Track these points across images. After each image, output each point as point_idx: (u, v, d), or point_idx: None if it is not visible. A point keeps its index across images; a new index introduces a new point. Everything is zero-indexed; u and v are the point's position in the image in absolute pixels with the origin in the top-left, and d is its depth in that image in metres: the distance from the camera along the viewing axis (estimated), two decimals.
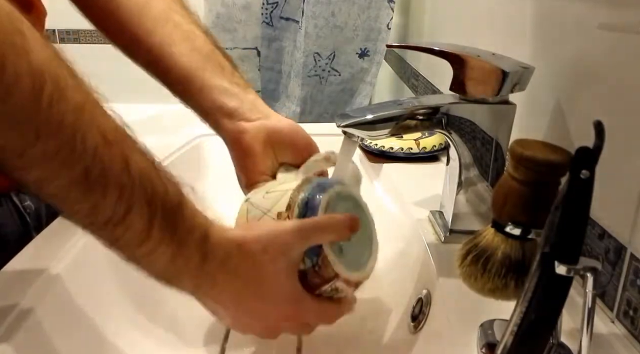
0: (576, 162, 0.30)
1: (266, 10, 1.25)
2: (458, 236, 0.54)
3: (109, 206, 0.32)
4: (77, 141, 0.30)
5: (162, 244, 0.36)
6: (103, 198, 0.32)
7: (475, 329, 0.41)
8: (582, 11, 0.47)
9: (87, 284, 0.51)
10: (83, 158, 0.30)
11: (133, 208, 0.33)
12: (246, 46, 1.28)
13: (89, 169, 0.31)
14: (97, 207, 0.32)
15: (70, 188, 0.31)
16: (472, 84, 0.50)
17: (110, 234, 0.34)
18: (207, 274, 0.39)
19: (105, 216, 0.33)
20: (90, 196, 0.32)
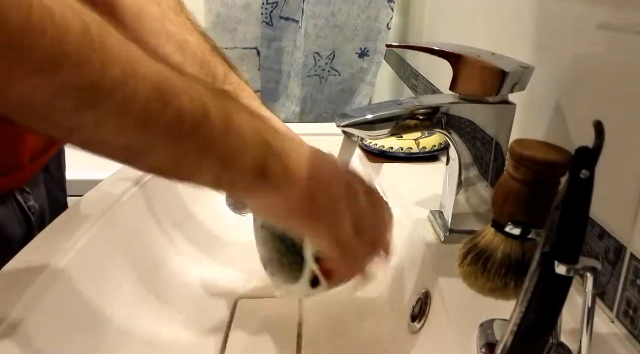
0: (576, 162, 0.30)
1: (266, 10, 1.26)
2: (458, 236, 0.54)
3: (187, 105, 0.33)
4: (136, 65, 0.31)
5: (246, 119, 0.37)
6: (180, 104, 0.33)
7: (475, 329, 0.41)
8: (582, 11, 0.47)
9: (90, 282, 0.51)
10: (149, 77, 0.31)
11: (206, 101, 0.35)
12: (246, 46, 1.28)
13: (159, 83, 0.32)
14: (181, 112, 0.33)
15: (149, 108, 0.31)
16: (472, 84, 0.50)
17: (200, 133, 0.35)
18: (282, 135, 0.41)
19: (189, 117, 0.33)
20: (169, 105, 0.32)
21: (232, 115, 0.37)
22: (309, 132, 0.92)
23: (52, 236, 0.55)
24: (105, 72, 0.29)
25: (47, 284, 0.47)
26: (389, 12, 1.24)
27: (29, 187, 0.63)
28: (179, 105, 0.33)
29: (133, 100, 0.31)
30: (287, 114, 1.34)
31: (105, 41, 0.29)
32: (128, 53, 0.31)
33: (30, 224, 0.62)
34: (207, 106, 0.35)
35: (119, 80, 0.30)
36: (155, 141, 0.33)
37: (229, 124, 0.36)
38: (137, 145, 0.33)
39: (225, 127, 0.36)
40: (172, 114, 0.33)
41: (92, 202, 0.63)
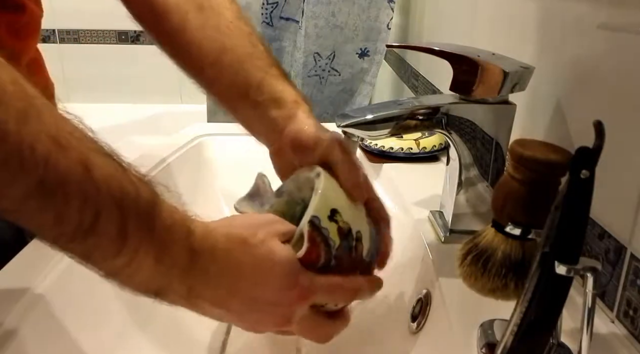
0: (576, 162, 0.30)
1: (266, 10, 1.26)
2: (458, 236, 0.54)
3: (73, 214, 0.30)
4: (24, 151, 0.28)
5: (141, 248, 0.34)
6: (65, 206, 0.30)
7: (475, 329, 0.41)
8: (582, 11, 0.47)
9: (82, 291, 0.51)
10: (35, 168, 0.29)
11: (101, 213, 0.31)
12: None
13: (44, 178, 0.29)
14: (61, 217, 0.30)
15: (26, 200, 0.29)
16: (472, 84, 0.50)
17: (82, 246, 0.32)
18: (199, 271, 0.37)
19: (71, 225, 0.31)
20: (51, 207, 0.30)
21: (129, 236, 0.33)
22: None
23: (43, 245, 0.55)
24: None
25: (41, 292, 0.47)
26: (389, 12, 1.24)
27: None
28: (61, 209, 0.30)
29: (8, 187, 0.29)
30: None
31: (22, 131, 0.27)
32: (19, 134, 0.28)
33: (21, 230, 0.62)
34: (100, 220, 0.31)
35: None
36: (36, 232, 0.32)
37: (119, 248, 0.33)
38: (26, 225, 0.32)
39: (113, 251, 0.33)
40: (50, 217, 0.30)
41: None
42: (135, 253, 0.33)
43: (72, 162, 0.30)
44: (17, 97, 0.28)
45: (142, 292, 0.36)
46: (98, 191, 0.31)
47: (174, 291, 0.37)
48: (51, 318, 0.47)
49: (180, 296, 0.37)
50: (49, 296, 0.47)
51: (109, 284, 0.45)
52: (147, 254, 0.34)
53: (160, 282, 0.36)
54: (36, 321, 0.45)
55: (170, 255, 0.35)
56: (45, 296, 0.47)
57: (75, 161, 0.30)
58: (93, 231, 0.31)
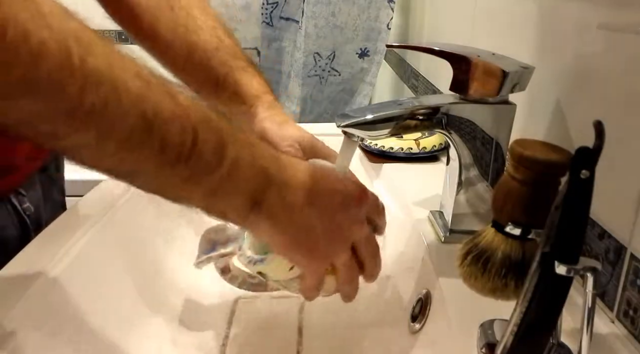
0: (576, 162, 0.30)
1: (266, 10, 1.26)
2: (458, 236, 0.54)
3: (174, 137, 0.32)
4: (120, 89, 0.29)
5: (241, 152, 0.36)
6: (166, 133, 0.32)
7: (475, 329, 0.41)
8: (582, 11, 0.47)
9: (87, 286, 0.51)
10: (133, 103, 0.30)
11: (198, 130, 0.33)
12: (246, 46, 1.28)
13: (144, 111, 0.30)
14: (165, 142, 0.32)
15: (132, 135, 0.30)
16: (472, 84, 0.50)
17: (185, 167, 0.33)
18: (287, 167, 0.39)
19: (174, 148, 0.32)
20: (154, 134, 0.31)
21: (227, 146, 0.35)
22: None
23: (49, 239, 0.55)
24: (83, 98, 0.28)
25: (45, 287, 0.47)
26: (389, 12, 1.24)
27: (24, 189, 0.63)
28: (164, 135, 0.32)
29: (113, 127, 0.30)
30: (287, 114, 1.34)
31: (86, 63, 0.28)
32: (112, 75, 0.29)
33: (26, 227, 0.62)
34: (199, 137, 0.33)
35: (97, 107, 0.28)
36: (139, 167, 0.33)
37: (221, 157, 0.35)
38: (120, 169, 0.33)
39: (217, 161, 0.35)
40: (155, 145, 0.31)
41: (90, 204, 0.63)
42: (236, 159, 0.35)
43: (160, 93, 0.32)
44: (99, 44, 0.29)
45: (242, 205, 0.37)
46: (188, 113, 0.33)
47: (274, 190, 0.38)
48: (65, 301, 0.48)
49: (278, 195, 0.39)
50: (62, 279, 0.48)
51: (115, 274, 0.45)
52: (245, 157, 0.36)
53: (260, 183, 0.37)
54: (50, 304, 0.46)
55: (264, 155, 0.38)
56: (58, 279, 0.48)
57: (161, 91, 0.32)
58: (194, 149, 0.33)
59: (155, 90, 0.32)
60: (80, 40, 0.28)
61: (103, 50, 0.29)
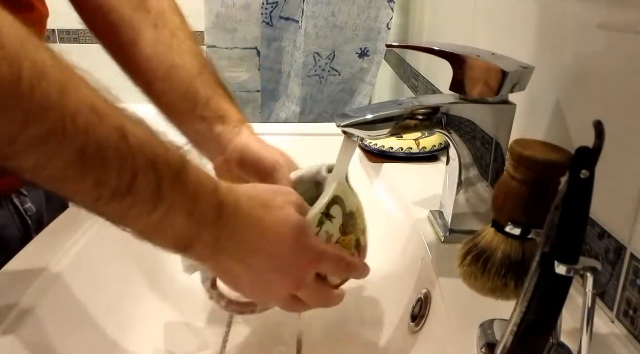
0: (576, 162, 0.30)
1: (266, 10, 1.26)
2: (458, 236, 0.54)
3: (113, 178, 0.32)
4: (67, 122, 0.29)
5: (176, 204, 0.36)
6: (105, 172, 0.32)
7: (475, 329, 0.41)
8: (582, 11, 0.47)
9: (88, 284, 0.51)
10: (76, 138, 0.30)
11: (138, 174, 0.33)
12: (246, 46, 1.28)
13: (85, 147, 0.30)
14: (100, 182, 0.32)
15: (68, 169, 0.30)
16: (472, 84, 0.50)
17: (120, 207, 0.34)
18: (225, 223, 0.39)
19: (110, 188, 0.32)
20: (91, 173, 0.31)
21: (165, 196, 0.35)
22: (309, 132, 0.92)
23: (50, 238, 0.55)
24: (26, 128, 0.28)
25: (46, 286, 0.47)
26: (389, 12, 1.24)
27: (26, 189, 0.63)
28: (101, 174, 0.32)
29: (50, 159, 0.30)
30: (287, 114, 1.34)
31: (36, 92, 0.27)
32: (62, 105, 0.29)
33: (27, 227, 0.62)
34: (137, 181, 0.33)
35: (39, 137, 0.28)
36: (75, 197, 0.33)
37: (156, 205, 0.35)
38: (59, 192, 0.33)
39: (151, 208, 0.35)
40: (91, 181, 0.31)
41: None
42: (169, 209, 0.36)
43: (110, 130, 0.32)
44: (57, 70, 0.29)
45: (173, 247, 0.38)
46: (134, 154, 0.33)
47: (202, 243, 0.39)
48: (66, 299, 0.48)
49: (207, 247, 0.39)
50: (63, 278, 0.48)
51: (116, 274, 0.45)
52: (180, 209, 0.36)
53: (191, 234, 0.38)
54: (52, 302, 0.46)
55: (200, 208, 0.38)
56: (60, 278, 0.48)
57: (112, 128, 0.32)
58: (130, 192, 0.33)
59: (106, 125, 0.31)
60: (34, 67, 0.28)
61: (59, 78, 0.29)
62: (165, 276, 0.63)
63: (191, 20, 0.60)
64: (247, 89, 1.33)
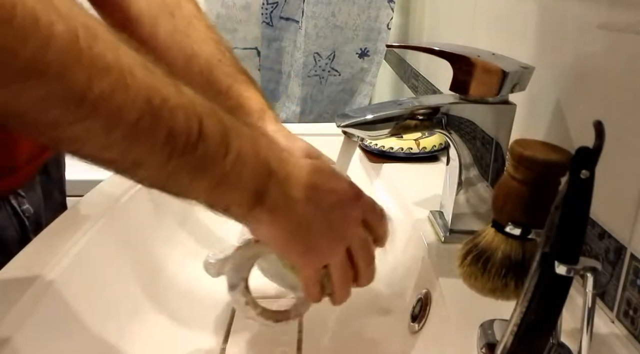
0: (576, 162, 0.30)
1: (266, 10, 1.26)
2: (458, 236, 0.54)
3: (181, 124, 0.32)
4: (127, 76, 0.29)
5: (244, 145, 0.36)
6: (174, 120, 0.32)
7: (475, 329, 0.41)
8: (582, 11, 0.47)
9: (87, 286, 0.51)
10: (140, 91, 0.30)
11: (203, 118, 0.33)
12: (246, 46, 1.28)
13: (151, 99, 0.30)
14: (172, 130, 0.32)
15: (139, 122, 0.30)
16: (472, 84, 0.50)
17: (193, 157, 0.33)
18: (287, 162, 0.40)
19: (182, 136, 0.32)
20: (161, 122, 0.31)
21: (232, 137, 0.35)
22: (309, 132, 0.92)
23: (49, 239, 0.55)
24: (91, 84, 0.27)
25: (44, 287, 0.47)
26: (389, 12, 1.24)
27: (23, 190, 0.63)
28: (171, 123, 0.31)
29: (120, 115, 0.29)
30: (287, 114, 1.34)
31: (94, 49, 0.28)
32: (119, 62, 0.29)
33: (25, 228, 0.62)
34: (204, 127, 0.33)
35: (105, 93, 0.28)
36: (144, 158, 0.32)
37: (226, 147, 0.35)
38: (124, 160, 0.32)
39: (222, 151, 0.35)
40: (162, 133, 0.31)
41: (90, 204, 0.63)
42: (239, 151, 0.35)
43: (166, 83, 0.32)
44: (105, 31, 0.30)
45: (250, 196, 0.37)
46: (193, 102, 0.33)
47: (275, 185, 0.38)
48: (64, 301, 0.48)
49: (280, 189, 0.39)
50: (61, 280, 0.48)
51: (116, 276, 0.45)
52: (249, 149, 0.36)
53: (263, 176, 0.38)
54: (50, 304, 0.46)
55: (263, 148, 0.38)
56: (58, 280, 0.48)
57: (166, 82, 0.32)
58: (201, 137, 0.33)
59: (160, 79, 0.32)
60: (87, 26, 0.28)
61: (109, 37, 0.29)
62: (164, 277, 0.63)
63: None
64: None
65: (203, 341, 0.56)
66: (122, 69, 0.29)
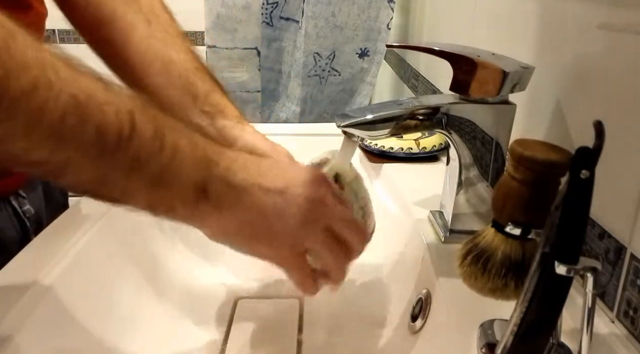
0: (576, 162, 0.30)
1: (266, 10, 1.26)
2: (458, 236, 0.54)
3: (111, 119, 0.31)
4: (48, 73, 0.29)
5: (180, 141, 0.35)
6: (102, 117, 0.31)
7: (475, 329, 0.41)
8: (582, 11, 0.47)
9: (87, 285, 0.51)
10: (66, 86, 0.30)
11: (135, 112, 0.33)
12: (246, 46, 1.28)
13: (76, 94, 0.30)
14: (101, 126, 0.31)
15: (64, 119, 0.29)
16: (472, 84, 0.50)
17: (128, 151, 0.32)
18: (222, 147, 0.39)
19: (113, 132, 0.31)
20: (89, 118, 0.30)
21: (166, 132, 0.34)
22: (309, 132, 0.92)
23: (49, 239, 0.55)
24: (9, 82, 0.27)
25: (45, 287, 0.47)
26: (389, 12, 1.24)
27: (24, 191, 0.63)
28: (99, 119, 0.30)
29: (42, 113, 0.28)
30: (287, 114, 1.34)
31: (12, 47, 0.27)
32: (41, 61, 0.28)
33: (26, 228, 0.62)
34: (136, 121, 0.32)
35: (25, 91, 0.27)
36: (73, 158, 0.31)
37: (161, 142, 0.34)
38: (51, 162, 0.31)
39: (156, 145, 0.33)
40: (91, 130, 0.30)
41: (91, 203, 0.63)
42: (175, 144, 0.35)
43: (91, 79, 0.32)
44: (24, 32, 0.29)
45: (191, 193, 0.36)
46: (123, 98, 0.33)
47: (214, 176, 0.37)
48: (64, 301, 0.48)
49: (222, 178, 0.37)
50: (61, 280, 0.48)
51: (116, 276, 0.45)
52: (184, 143, 0.35)
53: (200, 169, 0.36)
54: (50, 304, 0.46)
55: (198, 141, 0.37)
56: (58, 280, 0.48)
57: (92, 78, 0.32)
58: (134, 132, 0.32)
59: (86, 76, 0.31)
60: (3, 26, 0.27)
61: (28, 38, 0.29)
62: (165, 277, 0.63)
63: (191, 20, 0.60)
64: (247, 89, 1.33)
65: (203, 340, 0.56)
66: (44, 67, 0.28)
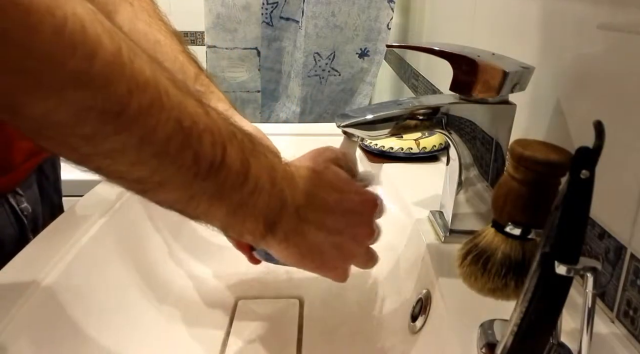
0: (576, 162, 0.30)
1: (266, 10, 1.26)
2: (458, 236, 0.54)
3: (208, 150, 0.32)
4: (162, 94, 0.29)
5: (261, 173, 0.37)
6: (201, 144, 0.32)
7: (475, 329, 0.41)
8: (582, 11, 0.47)
9: (85, 288, 0.51)
10: (172, 110, 0.30)
11: (227, 145, 0.34)
12: (246, 46, 1.28)
13: (181, 120, 0.30)
14: (198, 155, 0.32)
15: (170, 142, 0.30)
16: (472, 84, 0.50)
17: (215, 181, 0.34)
18: (299, 189, 0.40)
19: (207, 160, 0.32)
20: (190, 145, 0.31)
21: (251, 165, 0.36)
22: (309, 132, 0.93)
23: (47, 240, 0.55)
24: (131, 98, 0.27)
25: (44, 289, 0.47)
26: (389, 12, 1.24)
27: (22, 189, 0.63)
28: (197, 146, 0.32)
29: (154, 132, 0.29)
30: (287, 114, 1.34)
31: (135, 63, 0.28)
32: (155, 80, 0.29)
33: (23, 227, 0.62)
34: (227, 152, 0.33)
35: (143, 108, 0.28)
36: (170, 178, 0.32)
37: (245, 176, 0.35)
38: (149, 180, 0.32)
39: (240, 179, 0.35)
40: (189, 155, 0.31)
41: (89, 205, 0.63)
42: (257, 179, 0.36)
43: (194, 104, 0.32)
44: (140, 48, 0.30)
45: (263, 224, 0.38)
46: (219, 127, 0.34)
47: (287, 213, 0.39)
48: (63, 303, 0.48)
49: (292, 218, 0.40)
50: (60, 281, 0.48)
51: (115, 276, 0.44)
52: (264, 179, 0.37)
53: (278, 203, 0.38)
54: (48, 306, 0.46)
55: (278, 176, 0.38)
56: (56, 281, 0.48)
57: (195, 103, 0.32)
58: (223, 164, 0.33)
59: (190, 100, 0.32)
60: (127, 42, 0.28)
61: (145, 55, 0.29)
62: (165, 275, 0.63)
63: (191, 20, 0.60)
64: (247, 89, 1.33)
65: (203, 341, 0.56)
66: (158, 87, 0.29)
